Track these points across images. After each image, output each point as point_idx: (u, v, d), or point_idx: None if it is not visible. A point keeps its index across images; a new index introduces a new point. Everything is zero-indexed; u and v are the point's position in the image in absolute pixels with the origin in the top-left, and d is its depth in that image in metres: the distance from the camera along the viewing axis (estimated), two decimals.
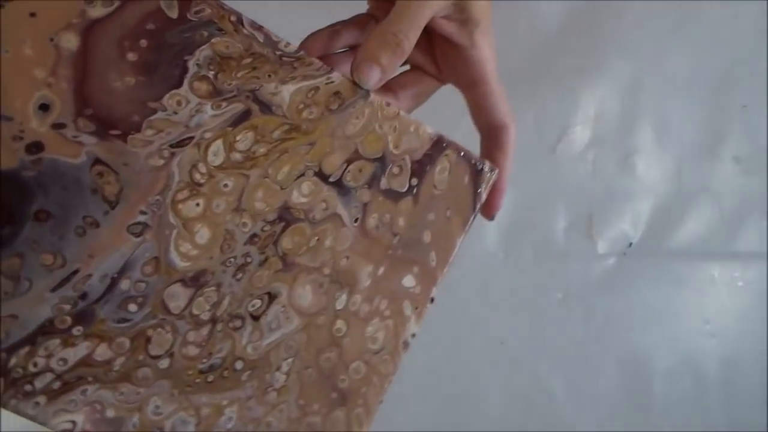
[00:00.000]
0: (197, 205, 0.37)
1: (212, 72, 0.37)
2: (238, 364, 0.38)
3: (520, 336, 0.69)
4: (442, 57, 0.46)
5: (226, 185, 0.37)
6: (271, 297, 0.39)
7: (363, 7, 0.48)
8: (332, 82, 0.39)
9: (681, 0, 0.74)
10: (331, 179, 0.39)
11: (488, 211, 0.44)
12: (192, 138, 0.37)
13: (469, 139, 0.44)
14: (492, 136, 0.45)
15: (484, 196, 0.42)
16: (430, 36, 0.44)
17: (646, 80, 0.74)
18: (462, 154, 0.41)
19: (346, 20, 0.46)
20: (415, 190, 0.41)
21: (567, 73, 0.71)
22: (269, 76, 0.38)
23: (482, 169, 0.42)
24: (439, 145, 0.41)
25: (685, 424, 0.75)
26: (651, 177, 0.74)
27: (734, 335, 0.77)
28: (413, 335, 0.41)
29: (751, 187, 0.77)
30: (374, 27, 0.43)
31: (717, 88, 0.75)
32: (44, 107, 0.34)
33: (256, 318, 0.39)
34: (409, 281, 0.41)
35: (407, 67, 0.48)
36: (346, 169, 0.39)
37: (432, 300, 0.41)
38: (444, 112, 0.47)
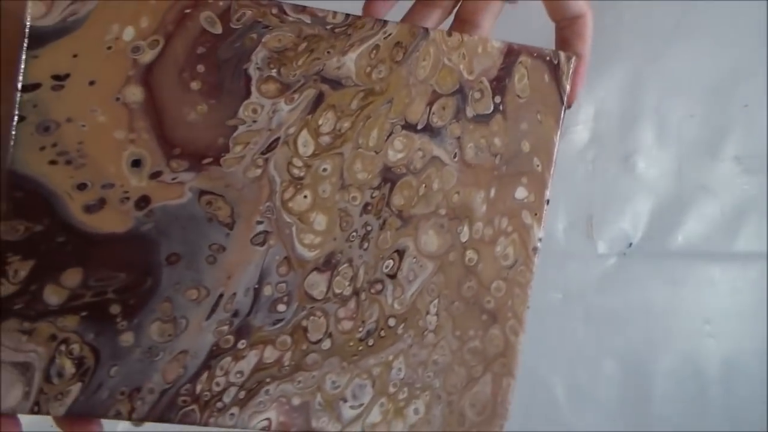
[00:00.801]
0: (305, 197, 0.36)
1: (274, 70, 0.34)
2: (391, 322, 0.38)
3: None
4: None
5: (324, 169, 0.36)
6: (401, 253, 0.38)
7: None
8: (390, 34, 0.35)
9: (681, 0, 0.66)
10: (419, 127, 0.37)
11: (568, 99, 0.41)
12: (278, 139, 0.35)
13: None
14: (569, 25, 0.40)
15: (568, 87, 0.39)
16: None
17: (646, 80, 0.67)
18: (535, 54, 0.38)
19: None
20: (501, 107, 0.38)
21: None
22: (328, 52, 0.35)
23: (559, 61, 0.38)
24: (510, 55, 0.37)
25: (685, 424, 0.72)
26: (651, 177, 0.68)
27: (734, 335, 0.72)
28: (540, 239, 0.40)
29: (752, 187, 0.70)
30: None
31: (717, 87, 0.68)
32: (136, 163, 0.33)
33: (392, 276, 0.38)
34: (521, 193, 0.39)
35: None
36: (430, 111, 0.37)
37: (548, 202, 0.39)
38: None
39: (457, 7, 0.41)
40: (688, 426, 0.71)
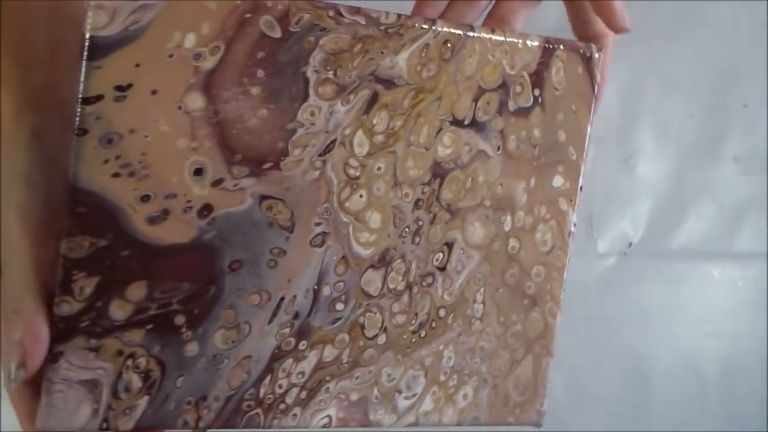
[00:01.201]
0: (361, 196, 0.35)
1: (331, 72, 0.33)
2: (441, 312, 0.38)
3: None
4: None
5: (379, 168, 0.35)
6: (449, 246, 0.38)
7: None
8: (439, 32, 0.35)
9: (681, 0, 0.65)
10: (466, 122, 0.37)
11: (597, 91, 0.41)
12: (335, 140, 0.34)
13: None
14: (593, 42, 0.41)
15: (599, 77, 0.39)
16: None
17: (646, 80, 0.66)
18: (570, 48, 0.38)
19: None
20: (540, 100, 0.38)
21: None
22: (382, 53, 0.34)
23: (591, 54, 0.39)
24: (548, 49, 0.37)
25: (685, 424, 0.71)
26: (651, 177, 0.68)
27: (734, 335, 0.72)
28: (574, 224, 0.40)
29: (751, 187, 0.70)
30: None
31: (717, 88, 0.68)
32: (198, 171, 0.32)
33: (442, 269, 0.38)
34: (557, 181, 0.39)
35: None
36: (476, 107, 0.37)
37: (581, 188, 0.40)
38: None
39: (490, 5, 0.42)
40: (688, 426, 0.71)
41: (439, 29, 0.35)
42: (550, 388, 0.42)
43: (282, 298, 0.35)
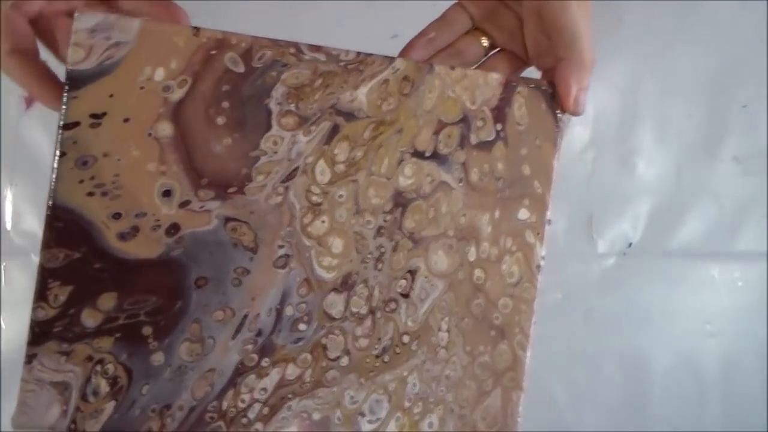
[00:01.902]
0: (323, 222, 0.38)
1: (293, 104, 0.37)
2: (405, 338, 0.40)
3: None
4: (532, 42, 0.43)
5: (341, 196, 0.38)
6: (413, 273, 0.40)
7: None
8: (398, 69, 0.38)
9: (681, 0, 0.68)
10: (427, 154, 0.39)
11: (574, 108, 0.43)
12: (297, 168, 0.37)
13: None
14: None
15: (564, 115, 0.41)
16: (520, 21, 0.42)
17: (646, 80, 0.69)
18: (532, 85, 0.41)
19: (437, 20, 0.45)
20: (502, 134, 0.40)
21: None
22: (342, 87, 0.37)
23: (554, 91, 0.41)
24: (509, 85, 0.40)
25: (685, 424, 0.72)
26: (651, 177, 0.70)
27: (734, 335, 0.73)
28: (543, 257, 0.42)
29: (751, 187, 0.72)
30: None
31: (717, 88, 0.70)
32: (167, 193, 0.36)
33: (405, 296, 0.40)
34: (523, 214, 0.41)
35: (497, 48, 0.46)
36: (437, 140, 0.39)
37: (549, 222, 0.42)
38: None
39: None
40: (688, 426, 0.72)
41: (398, 66, 0.38)
42: (550, 387, 0.42)
43: (245, 316, 0.38)
